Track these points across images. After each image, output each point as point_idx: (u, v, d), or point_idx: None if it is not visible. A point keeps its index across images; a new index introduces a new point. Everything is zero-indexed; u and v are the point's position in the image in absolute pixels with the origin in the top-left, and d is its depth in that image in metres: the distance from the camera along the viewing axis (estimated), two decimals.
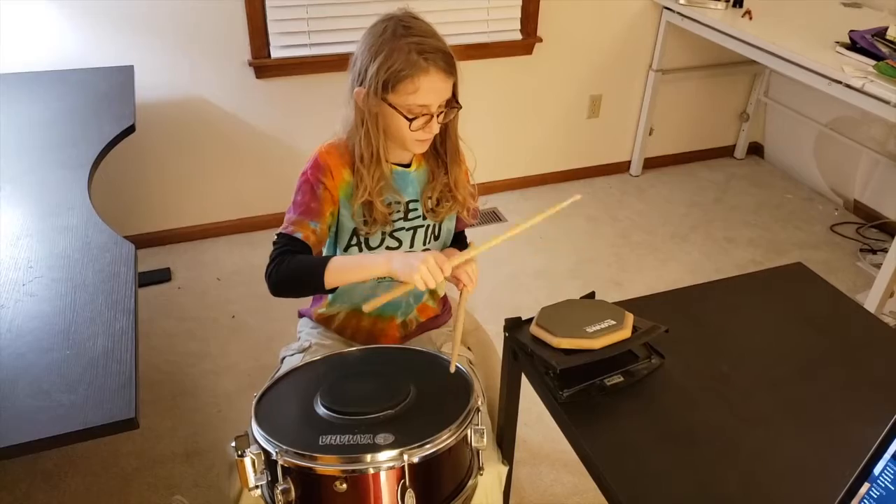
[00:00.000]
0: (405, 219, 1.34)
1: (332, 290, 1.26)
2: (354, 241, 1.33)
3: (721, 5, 2.79)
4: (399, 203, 1.32)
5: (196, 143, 2.64)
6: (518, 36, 2.86)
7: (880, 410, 0.87)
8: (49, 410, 1.02)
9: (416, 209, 1.35)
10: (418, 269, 1.11)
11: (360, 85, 1.22)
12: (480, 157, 1.39)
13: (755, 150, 3.64)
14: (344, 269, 1.21)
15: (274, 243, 1.27)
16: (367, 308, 1.21)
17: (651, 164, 3.45)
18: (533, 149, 3.21)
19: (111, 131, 1.82)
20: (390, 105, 1.21)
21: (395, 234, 1.34)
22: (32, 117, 1.91)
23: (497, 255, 2.78)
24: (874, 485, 0.80)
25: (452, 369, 1.14)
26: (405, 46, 1.18)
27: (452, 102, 1.26)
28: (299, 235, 1.26)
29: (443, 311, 1.52)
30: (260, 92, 2.62)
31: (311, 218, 1.27)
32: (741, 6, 2.76)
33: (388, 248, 1.34)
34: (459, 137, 1.34)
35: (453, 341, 1.19)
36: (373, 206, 1.28)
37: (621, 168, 3.44)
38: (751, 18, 2.67)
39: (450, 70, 1.22)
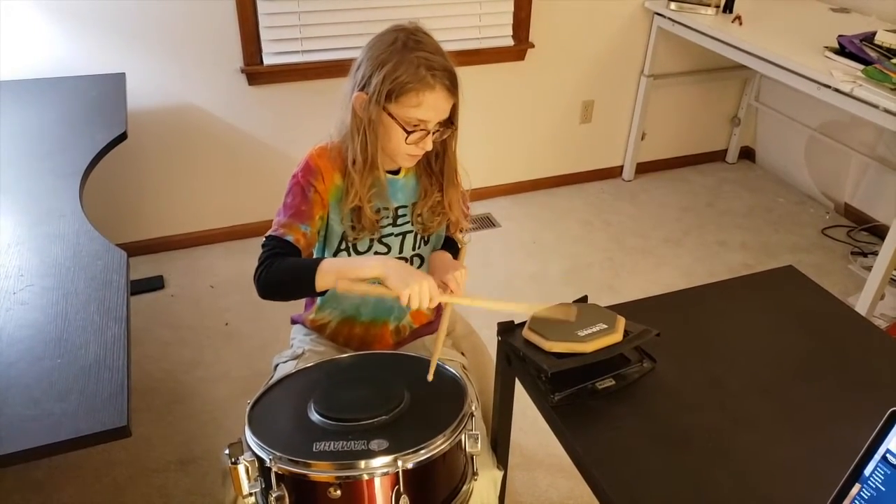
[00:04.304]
0: (394, 224, 1.34)
1: (323, 293, 1.25)
2: (343, 245, 1.33)
3: (711, 11, 2.81)
4: (387, 210, 1.32)
5: (189, 151, 2.64)
6: (510, 42, 2.87)
7: (870, 412, 0.87)
8: (40, 419, 1.02)
9: (404, 215, 1.35)
10: (411, 286, 1.11)
11: (362, 90, 1.22)
12: (473, 163, 1.39)
13: (746, 154, 3.66)
14: (336, 271, 1.19)
15: (263, 246, 1.26)
16: (340, 287, 1.18)
17: (643, 168, 3.46)
18: (526, 154, 3.22)
19: (103, 139, 1.82)
20: (390, 115, 1.21)
21: (384, 239, 1.34)
22: (23, 125, 1.91)
23: (491, 259, 2.78)
24: (865, 486, 0.80)
25: (430, 377, 1.13)
26: (415, 60, 1.18)
27: (448, 122, 1.26)
28: (290, 238, 1.24)
29: (437, 317, 1.51)
30: (252, 99, 2.62)
31: (302, 221, 1.26)
32: (731, 11, 2.79)
33: (376, 253, 1.34)
34: (456, 158, 1.35)
35: (435, 345, 1.19)
36: (362, 213, 1.28)
37: (614, 173, 3.45)
38: (741, 24, 2.69)
39: (453, 91, 1.23)
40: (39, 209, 1.52)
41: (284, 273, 1.21)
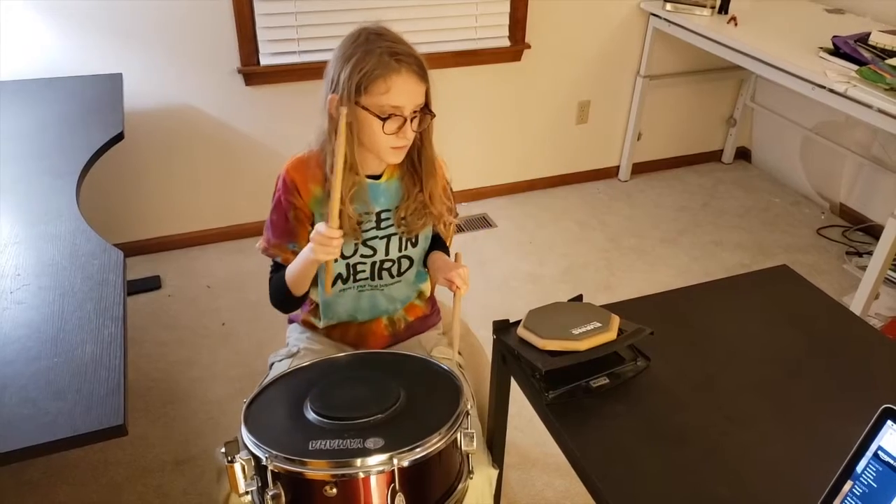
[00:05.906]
0: (378, 227, 1.34)
1: (306, 295, 1.35)
2: None
3: (707, 12, 2.82)
4: (369, 214, 1.32)
5: (185, 151, 2.64)
6: (506, 43, 2.88)
7: (863, 410, 0.88)
8: (36, 418, 1.02)
9: (388, 218, 1.34)
10: (314, 249, 1.18)
11: (334, 92, 1.23)
12: (469, 163, 1.40)
13: (742, 154, 3.67)
14: (294, 273, 1.28)
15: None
16: (327, 293, 1.34)
17: (640, 169, 3.47)
18: (522, 155, 3.22)
19: (100, 139, 1.82)
20: (363, 108, 1.21)
21: (369, 242, 1.34)
22: (20, 125, 1.91)
23: (488, 259, 2.79)
24: (857, 482, 0.81)
25: (455, 353, 1.28)
26: (377, 50, 1.20)
27: (426, 110, 1.26)
28: (279, 259, 1.34)
29: (431, 311, 1.52)
30: (249, 99, 2.62)
31: (289, 240, 1.33)
32: (726, 12, 2.80)
33: (362, 255, 1.35)
34: (434, 148, 1.34)
35: (451, 340, 1.26)
36: (343, 214, 1.27)
37: (610, 173, 3.46)
38: (736, 24, 2.70)
39: (422, 75, 1.23)
40: (36, 209, 1.52)
41: (276, 293, 1.35)
